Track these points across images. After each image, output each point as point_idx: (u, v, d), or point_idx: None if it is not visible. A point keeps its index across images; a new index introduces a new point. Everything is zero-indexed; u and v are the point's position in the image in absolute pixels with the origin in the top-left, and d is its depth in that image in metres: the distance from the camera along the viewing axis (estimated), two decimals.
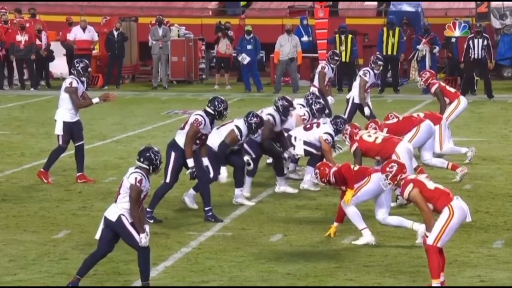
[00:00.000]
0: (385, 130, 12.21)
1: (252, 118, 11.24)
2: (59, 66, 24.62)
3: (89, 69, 12.81)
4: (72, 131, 12.53)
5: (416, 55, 23.43)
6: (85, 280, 8.42)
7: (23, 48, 23.26)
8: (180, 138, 10.74)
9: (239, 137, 11.23)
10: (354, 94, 15.51)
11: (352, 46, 23.08)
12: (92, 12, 26.73)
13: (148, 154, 8.18)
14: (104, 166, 13.85)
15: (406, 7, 24.90)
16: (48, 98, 21.20)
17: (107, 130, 17.29)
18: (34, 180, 12.69)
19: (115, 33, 23.99)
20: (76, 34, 23.72)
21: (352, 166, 10.06)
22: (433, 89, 14.52)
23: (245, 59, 23.45)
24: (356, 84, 15.57)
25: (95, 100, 12.56)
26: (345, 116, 14.57)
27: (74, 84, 12.49)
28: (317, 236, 10.11)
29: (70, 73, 12.88)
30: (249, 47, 23.62)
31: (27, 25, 23.67)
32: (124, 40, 24.19)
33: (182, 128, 10.77)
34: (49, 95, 22.25)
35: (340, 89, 22.59)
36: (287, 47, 23.27)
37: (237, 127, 11.26)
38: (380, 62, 15.47)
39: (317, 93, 14.12)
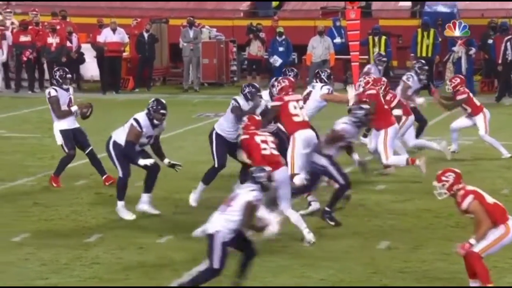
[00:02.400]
0: None
1: (154, 105, 10.85)
2: (89, 68, 24.78)
3: (69, 75, 12.79)
4: (75, 137, 12.63)
5: (451, 57, 23.27)
6: (117, 283, 8.45)
7: (54, 50, 23.43)
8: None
9: (138, 128, 10.82)
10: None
11: (385, 48, 22.96)
12: (123, 14, 26.83)
13: (252, 175, 8.25)
14: (134, 169, 13.84)
15: (441, 8, 24.74)
16: (78, 101, 21.28)
17: None
18: (65, 184, 12.74)
19: (146, 35, 24.08)
20: (106, 36, 23.80)
21: (264, 148, 9.92)
22: (460, 97, 14.59)
23: (276, 61, 23.45)
24: (398, 90, 15.44)
25: (74, 108, 12.65)
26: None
27: (53, 93, 12.63)
28: (351, 241, 10.05)
29: (51, 84, 12.94)
30: (280, 49, 23.62)
31: (58, 27, 23.84)
32: (155, 42, 24.27)
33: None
34: (79, 98, 22.35)
35: None
36: (319, 49, 23.25)
37: (136, 119, 10.87)
38: (425, 67, 15.30)
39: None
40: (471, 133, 15.31)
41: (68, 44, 23.78)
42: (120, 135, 10.93)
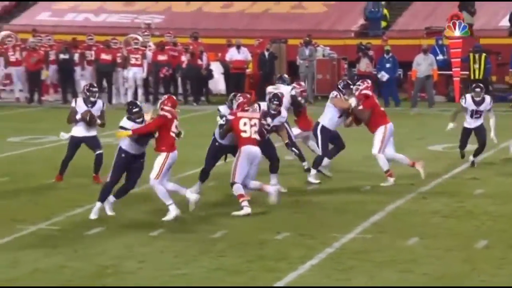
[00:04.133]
0: None
1: (128, 108, 11.01)
2: (217, 83, 25.24)
3: (94, 89, 12.97)
4: (86, 144, 13.09)
5: None
6: (239, 276, 8.57)
7: (186, 67, 23.95)
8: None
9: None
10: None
11: (485, 64, 22.53)
12: (247, 35, 27.20)
13: None
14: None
15: None
16: (207, 113, 21.66)
17: None
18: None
19: (266, 53, 24.34)
20: (232, 55, 24.23)
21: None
22: None
23: (384, 76, 23.34)
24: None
25: (78, 116, 12.96)
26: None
27: (72, 104, 13.10)
28: (451, 240, 9.90)
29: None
30: (388, 65, 23.48)
31: (191, 47, 24.39)
32: (274, 59, 24.50)
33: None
34: (208, 110, 22.74)
35: None
36: (423, 65, 23.05)
37: (121, 126, 10.99)
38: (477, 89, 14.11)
39: None
40: None
41: (199, 62, 24.26)
42: (124, 141, 11.11)
